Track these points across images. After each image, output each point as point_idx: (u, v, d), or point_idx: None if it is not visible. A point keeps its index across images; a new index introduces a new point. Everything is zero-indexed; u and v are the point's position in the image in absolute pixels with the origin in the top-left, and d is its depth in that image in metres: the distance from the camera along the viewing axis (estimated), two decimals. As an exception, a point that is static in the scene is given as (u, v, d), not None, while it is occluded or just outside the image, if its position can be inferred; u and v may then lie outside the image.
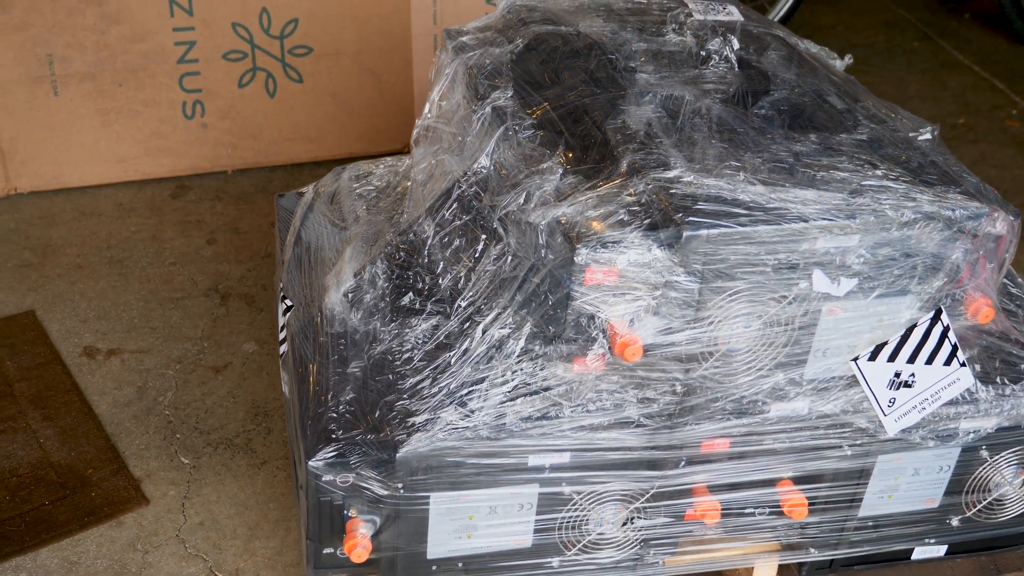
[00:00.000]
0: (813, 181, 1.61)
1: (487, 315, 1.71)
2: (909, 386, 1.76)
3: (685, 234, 1.51)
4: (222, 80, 3.38)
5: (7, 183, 3.26)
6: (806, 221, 1.54)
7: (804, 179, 1.61)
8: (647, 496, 1.79)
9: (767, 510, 1.88)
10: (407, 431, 1.66)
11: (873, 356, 1.71)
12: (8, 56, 3.12)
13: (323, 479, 1.68)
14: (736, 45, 1.96)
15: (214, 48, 3.33)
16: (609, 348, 1.58)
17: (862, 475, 1.87)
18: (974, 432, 1.85)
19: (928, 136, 1.85)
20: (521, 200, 1.66)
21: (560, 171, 1.68)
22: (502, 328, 1.68)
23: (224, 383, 2.61)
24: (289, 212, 2.32)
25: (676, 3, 2.19)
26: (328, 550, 1.76)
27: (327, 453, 1.67)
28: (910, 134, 1.86)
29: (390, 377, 1.75)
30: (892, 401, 1.76)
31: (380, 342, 1.81)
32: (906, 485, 1.91)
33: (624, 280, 1.55)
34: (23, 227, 3.16)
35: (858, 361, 1.71)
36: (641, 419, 1.68)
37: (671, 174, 1.60)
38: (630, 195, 1.59)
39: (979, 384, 1.82)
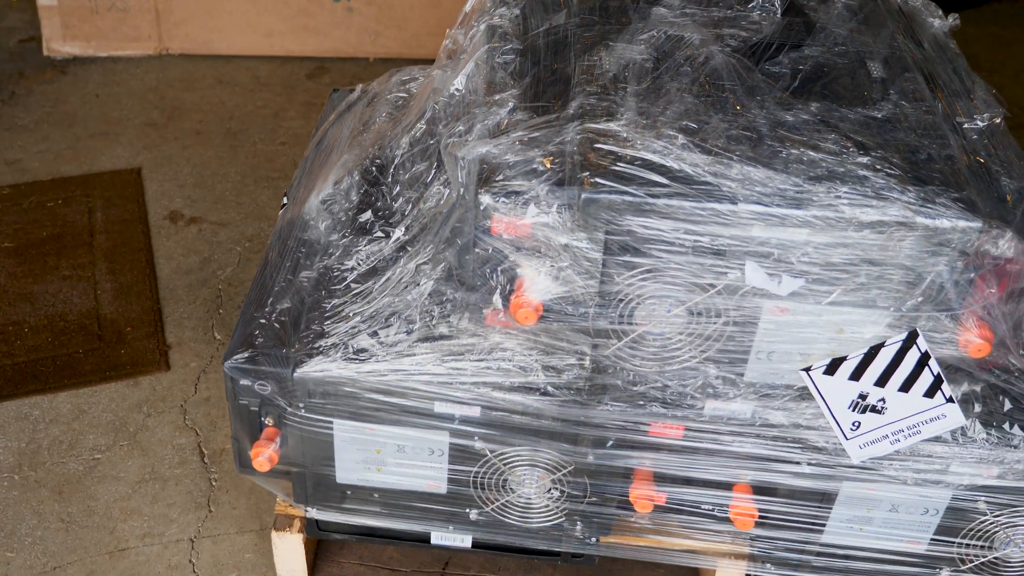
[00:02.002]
0: (773, 158, 1.37)
1: (416, 247, 1.60)
2: (878, 412, 1.50)
3: (583, 196, 1.33)
4: (372, -35, 3.35)
5: (160, 43, 3.41)
6: (734, 203, 1.32)
7: (763, 154, 1.38)
8: (568, 470, 1.65)
9: (715, 513, 1.70)
10: (309, 352, 1.60)
11: (830, 370, 1.47)
12: (169, -80, 3.23)
13: (240, 383, 1.65)
14: (785, -13, 1.70)
15: (366, -68, 3.30)
16: (505, 306, 1.44)
17: (824, 498, 1.64)
18: (967, 480, 1.57)
19: (981, 124, 1.54)
20: (463, 130, 1.53)
21: (511, 105, 1.53)
22: (424, 263, 1.57)
23: (280, 268, 2.64)
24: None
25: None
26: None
27: (241, 357, 1.64)
28: (959, 119, 1.55)
29: (323, 293, 1.69)
30: (856, 425, 1.52)
31: (329, 256, 1.75)
32: (882, 520, 1.66)
33: (533, 236, 1.40)
34: (162, 87, 3.30)
35: (811, 372, 1.48)
36: (548, 388, 1.54)
37: (608, 126, 1.41)
38: (559, 143, 1.42)
39: (978, 426, 1.54)
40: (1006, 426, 1.54)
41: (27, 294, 2.51)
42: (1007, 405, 1.54)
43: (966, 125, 1.54)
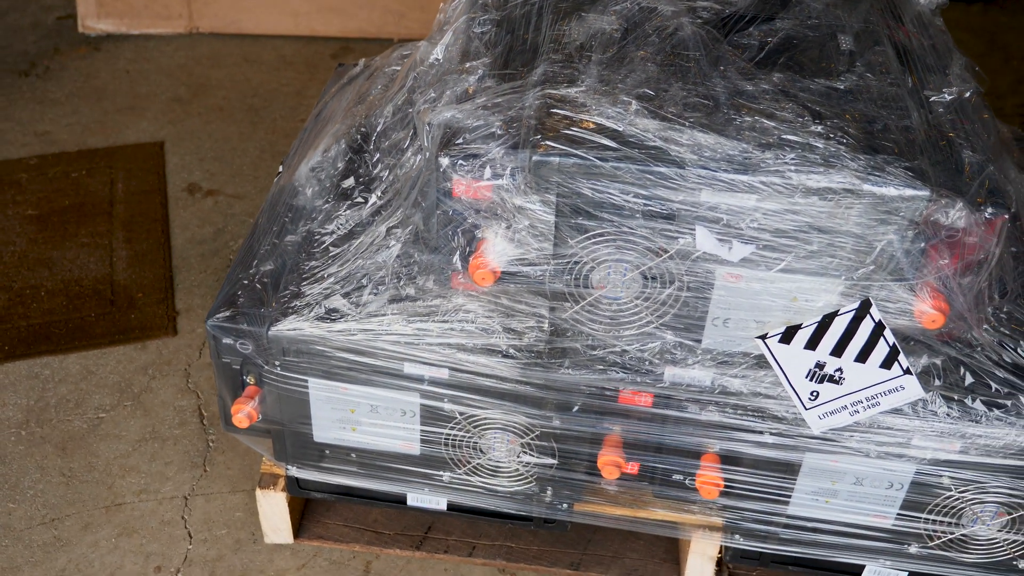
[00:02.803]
0: (726, 125, 1.39)
1: (388, 210, 1.64)
2: (836, 382, 1.51)
3: (534, 159, 1.36)
4: (396, -53, 3.39)
5: (190, 21, 3.50)
6: (681, 167, 1.34)
7: (717, 121, 1.40)
8: (535, 434, 1.68)
9: (685, 483, 1.72)
10: (284, 312, 1.65)
11: (786, 338, 1.49)
12: (198, -100, 3.30)
13: (223, 341, 1.71)
14: (765, -40, 1.71)
15: (391, -87, 3.34)
16: (464, 268, 1.48)
17: (788, 469, 1.65)
18: (929, 454, 1.57)
19: (949, 97, 1.53)
20: (433, 96, 1.57)
21: (480, 72, 1.56)
22: (395, 226, 1.62)
23: (290, 240, 2.71)
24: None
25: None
26: (234, 410, 1.81)
27: (222, 316, 1.69)
28: (928, 92, 1.55)
29: (303, 256, 1.74)
30: (815, 394, 1.53)
31: (313, 220, 1.80)
32: (847, 493, 1.66)
33: (491, 198, 1.43)
34: (190, 64, 3.38)
35: (767, 340, 1.49)
36: (510, 351, 1.57)
37: (567, 92, 1.44)
38: (519, 108, 1.45)
39: (939, 400, 1.54)
40: (968, 400, 1.54)
41: (46, 259, 2.60)
42: (968, 379, 1.54)
43: (933, 99, 1.54)
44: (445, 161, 1.42)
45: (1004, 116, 3.25)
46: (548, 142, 1.36)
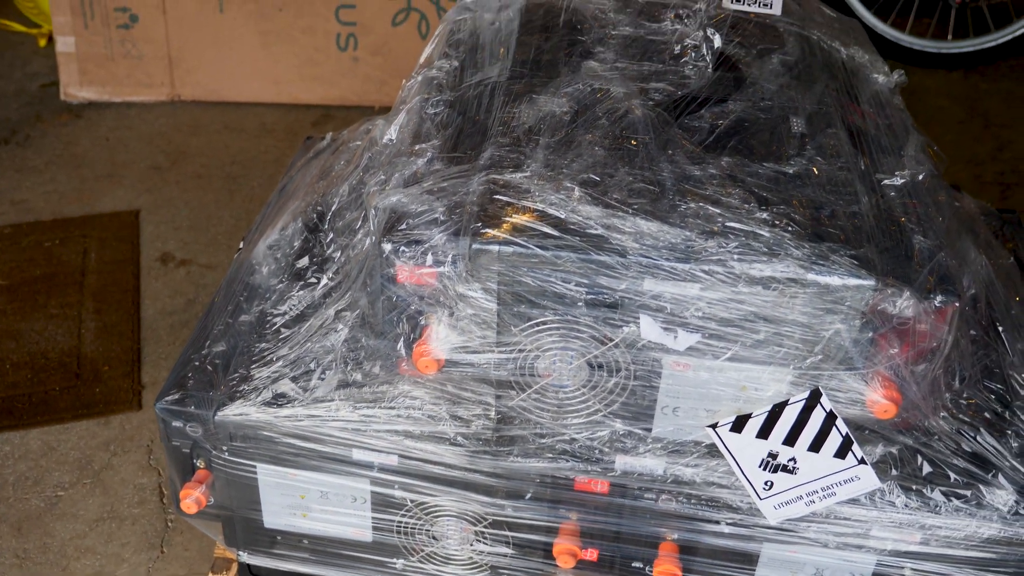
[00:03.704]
0: (670, 212, 1.37)
1: (338, 293, 1.62)
2: (790, 472, 1.47)
3: (473, 247, 1.34)
4: (376, 16, 3.41)
5: (172, 89, 3.51)
6: (623, 256, 1.32)
7: (661, 208, 1.38)
8: (488, 521, 1.64)
9: (645, 571, 1.67)
10: (231, 396, 1.62)
11: (737, 427, 1.45)
12: (180, -29, 3.34)
13: (172, 424, 1.68)
14: (718, 42, 1.70)
15: (371, -17, 3.37)
16: (408, 355, 1.45)
17: (747, 559, 1.61)
18: (889, 545, 1.53)
19: (900, 180, 1.52)
20: (383, 179, 1.55)
21: (429, 155, 1.55)
22: (343, 310, 1.59)
23: (261, 311, 2.69)
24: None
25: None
26: (183, 494, 1.77)
27: (171, 399, 1.67)
28: (880, 176, 1.53)
29: (255, 337, 1.72)
30: (769, 484, 1.49)
31: (267, 300, 1.78)
32: (808, 584, 1.62)
33: (434, 285, 1.41)
34: (170, 132, 3.39)
35: (717, 429, 1.46)
36: (458, 438, 1.53)
37: (512, 177, 1.42)
38: (464, 193, 1.43)
39: (898, 490, 1.50)
40: (926, 490, 1.50)
41: (14, 331, 2.58)
42: (927, 468, 1.50)
43: (885, 182, 1.52)
44: (388, 247, 1.40)
45: (984, 184, 3.24)
46: (488, 230, 1.34)
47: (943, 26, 3.85)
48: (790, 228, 1.35)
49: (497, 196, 1.40)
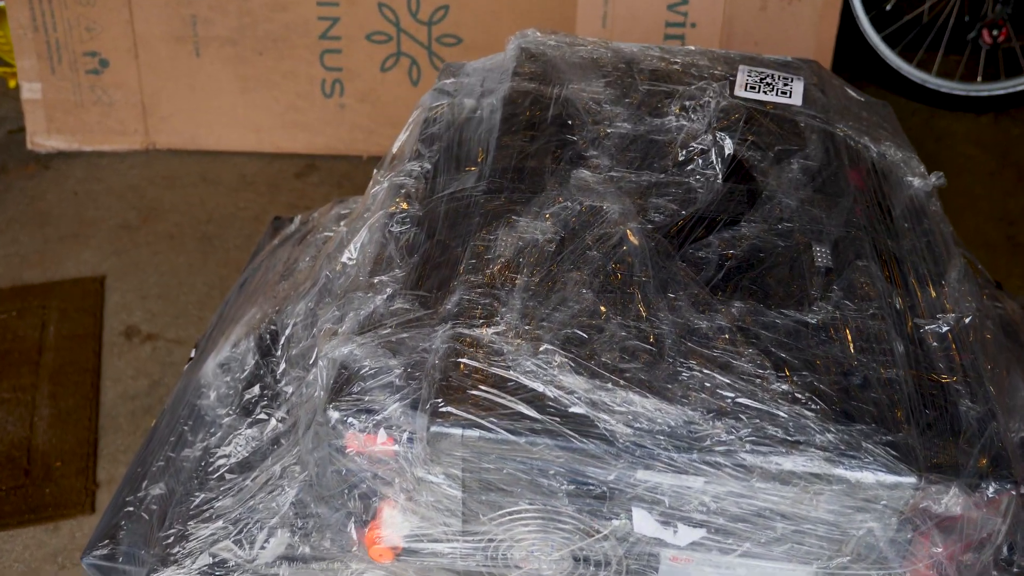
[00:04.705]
0: (670, 382, 1.15)
1: (286, 443, 1.41)
2: (811, 675, 1.25)
3: (432, 429, 1.12)
4: (364, 61, 3.19)
5: (146, 137, 3.30)
6: (611, 443, 1.09)
7: (659, 376, 1.15)
8: None
9: None
10: (164, 559, 1.41)
11: (749, 627, 1.23)
12: (153, 13, 3.12)
13: (102, 580, 1.47)
14: (729, 148, 1.48)
15: (358, 27, 3.15)
16: (359, 538, 1.23)
17: None
18: None
19: (945, 327, 1.29)
20: (337, 315, 1.33)
21: (389, 291, 1.33)
22: (291, 465, 1.37)
23: (230, 395, 2.47)
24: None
25: (723, 69, 1.71)
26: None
27: (99, 553, 1.46)
28: (919, 320, 1.30)
29: (195, 482, 1.50)
30: None
31: (212, 435, 1.56)
32: None
33: (389, 462, 1.19)
34: (143, 185, 3.18)
35: (725, 628, 1.23)
36: (421, 628, 1.32)
37: (482, 333, 1.20)
38: (423, 350, 1.21)
39: None
40: None
41: (-40, 420, 2.37)
42: (972, 668, 1.28)
43: (926, 327, 1.29)
44: (335, 415, 1.18)
45: (1017, 246, 3.00)
46: (450, 408, 1.12)
47: (972, 67, 3.61)
48: (813, 405, 1.13)
49: (463, 360, 1.17)
